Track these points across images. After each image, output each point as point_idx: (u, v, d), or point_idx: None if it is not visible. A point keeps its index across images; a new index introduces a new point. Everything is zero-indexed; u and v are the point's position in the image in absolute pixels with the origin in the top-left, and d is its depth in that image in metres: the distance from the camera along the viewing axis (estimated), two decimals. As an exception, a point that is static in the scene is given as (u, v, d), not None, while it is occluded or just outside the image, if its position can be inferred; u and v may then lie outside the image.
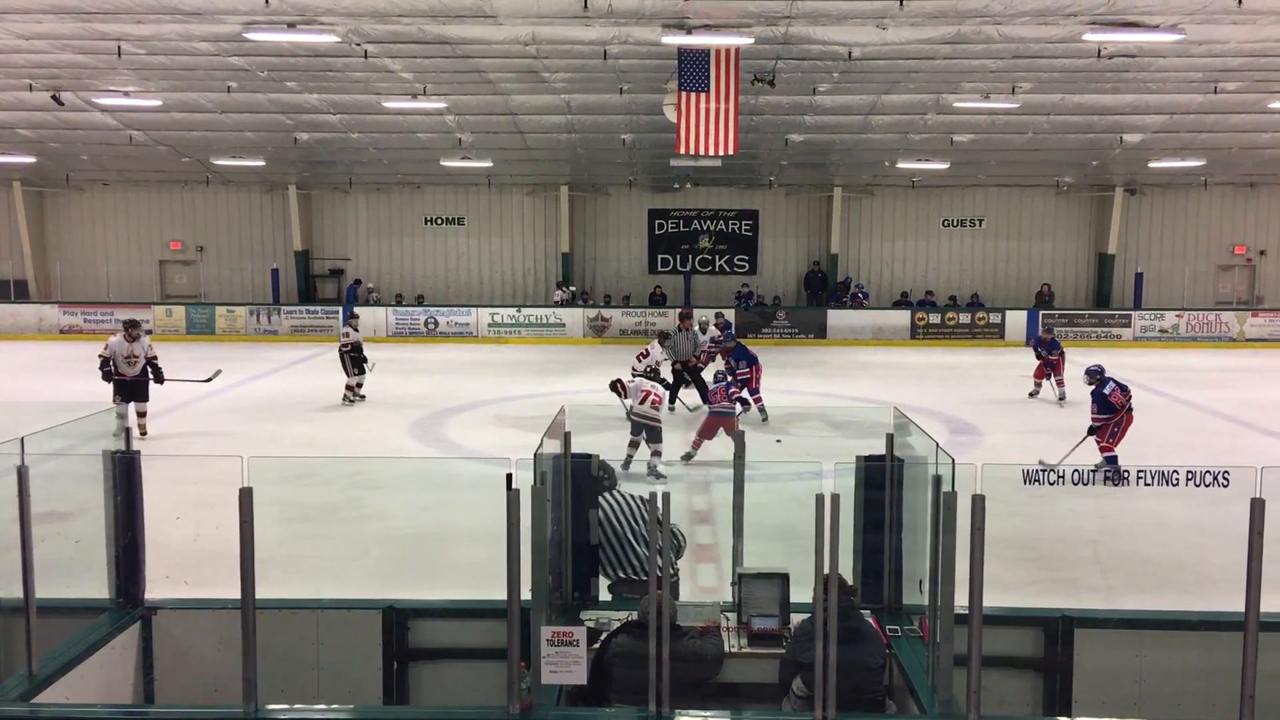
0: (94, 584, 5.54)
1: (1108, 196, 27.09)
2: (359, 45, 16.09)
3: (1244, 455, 12.50)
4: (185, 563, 7.35)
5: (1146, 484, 4.50)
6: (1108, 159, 24.24)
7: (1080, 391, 13.76)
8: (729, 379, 14.24)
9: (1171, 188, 27.00)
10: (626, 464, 11.76)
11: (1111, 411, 11.88)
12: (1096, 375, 12.34)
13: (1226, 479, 4.41)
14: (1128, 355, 23.63)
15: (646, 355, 15.41)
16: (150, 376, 13.93)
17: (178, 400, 15.43)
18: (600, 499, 5.92)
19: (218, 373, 15.86)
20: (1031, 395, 17.70)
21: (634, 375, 13.97)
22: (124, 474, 5.46)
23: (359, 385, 16.90)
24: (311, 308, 26.83)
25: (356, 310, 20.80)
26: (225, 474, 4.47)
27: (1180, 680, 5.31)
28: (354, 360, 16.83)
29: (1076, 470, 4.84)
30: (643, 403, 12.03)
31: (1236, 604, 4.33)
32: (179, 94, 19.66)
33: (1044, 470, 4.93)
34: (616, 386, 13.57)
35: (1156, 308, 26.53)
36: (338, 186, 27.72)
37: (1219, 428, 15.02)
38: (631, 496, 6.00)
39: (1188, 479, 4.43)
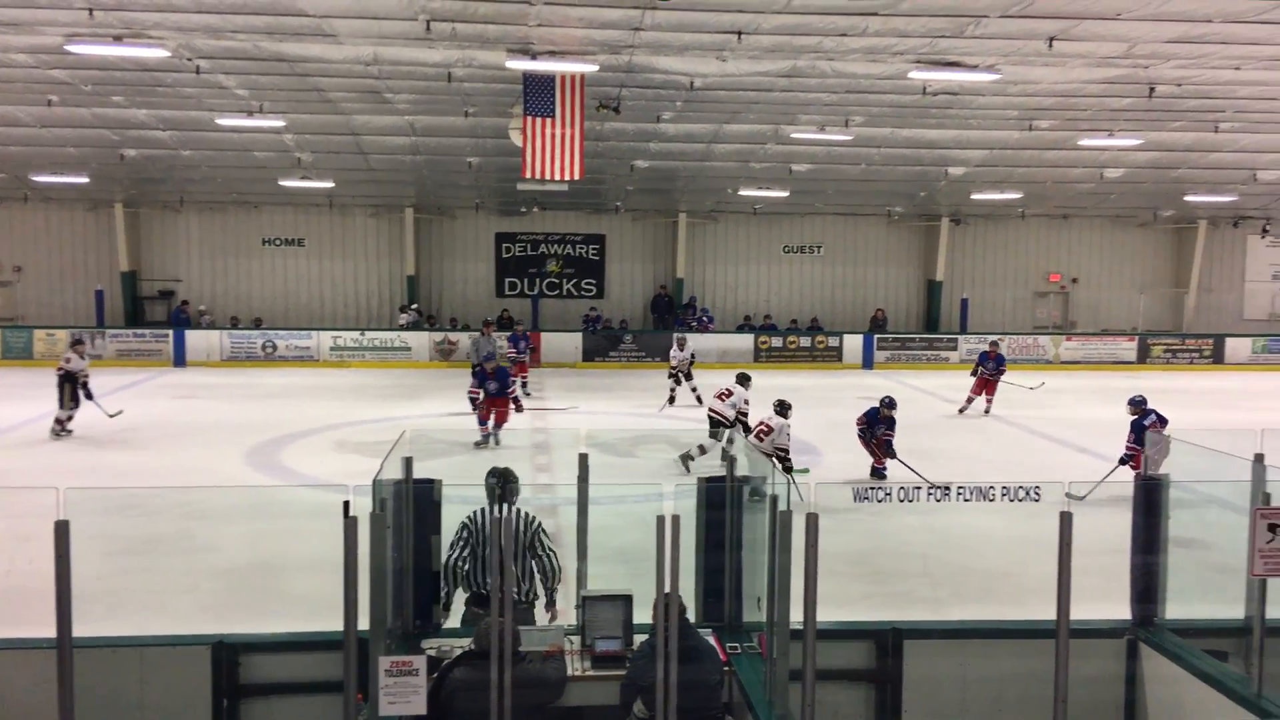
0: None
1: (935, 226, 28.40)
2: (190, 60, 15.56)
3: (1059, 471, 13.26)
4: (-4, 602, 6.91)
5: (966, 500, 4.73)
6: (934, 190, 25.44)
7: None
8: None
9: (992, 218, 28.50)
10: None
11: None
12: (1140, 406, 12.31)
13: (1038, 494, 4.68)
14: (955, 377, 24.73)
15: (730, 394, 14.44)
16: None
17: (-11, 429, 14.51)
18: (487, 509, 5.80)
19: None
20: (961, 412, 18.85)
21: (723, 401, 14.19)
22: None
23: (69, 419, 15.32)
24: (139, 331, 25.63)
25: (82, 335, 19.67)
26: (41, 506, 4.23)
27: (1001, 686, 5.59)
28: (72, 391, 15.26)
29: (903, 488, 5.05)
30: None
31: (1052, 613, 4.60)
32: (-7, 106, 18.61)
33: (1071, 499, 5.10)
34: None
35: (980, 331, 27.86)
36: (168, 205, 26.58)
37: (1038, 445, 15.90)
38: (526, 514, 5.93)
39: (1003, 494, 4.68)
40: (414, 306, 26.82)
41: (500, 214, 27.70)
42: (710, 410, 14.30)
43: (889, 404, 13.33)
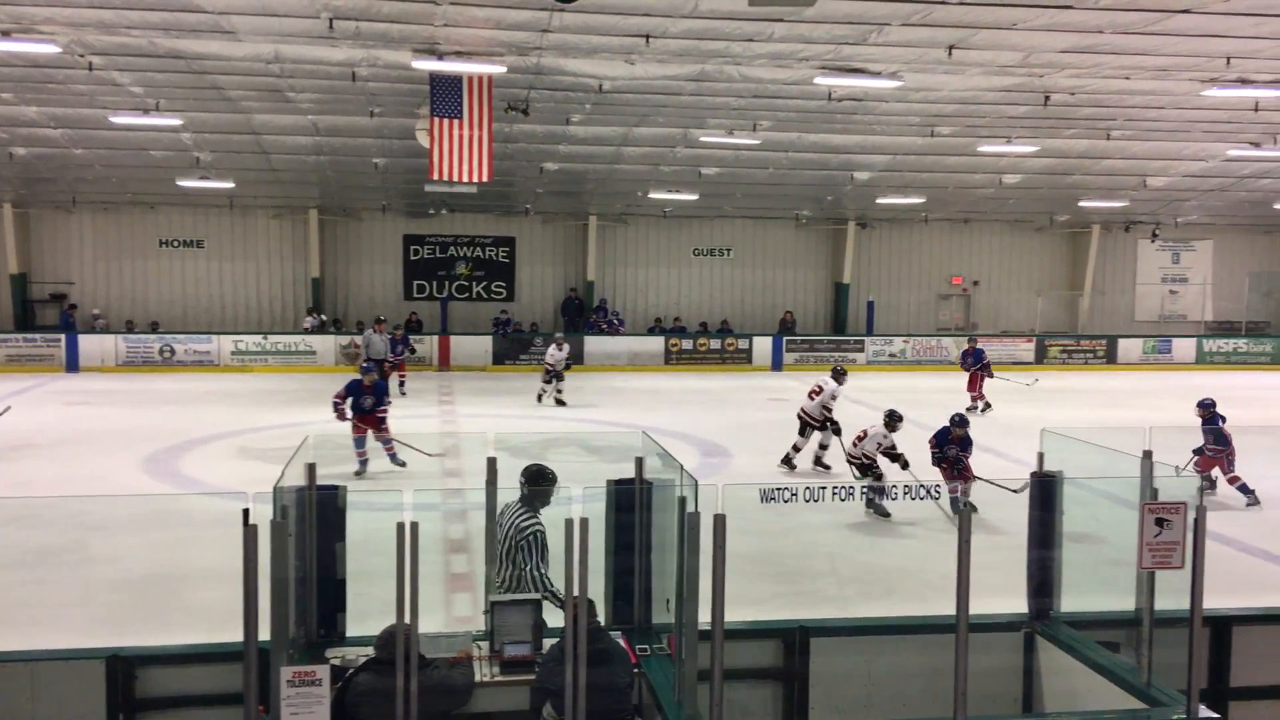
0: None
1: (842, 229, 28.88)
2: (83, 56, 15.07)
3: (961, 469, 13.56)
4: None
5: (870, 499, 4.81)
6: (841, 195, 25.88)
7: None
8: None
9: (897, 222, 29.10)
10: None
11: (1225, 444, 12.17)
12: (1209, 409, 12.50)
13: (938, 492, 4.78)
14: (861, 379, 25.17)
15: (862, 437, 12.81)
16: None
17: None
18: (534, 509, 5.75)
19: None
20: (984, 411, 19.22)
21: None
22: None
23: None
24: (30, 335, 24.67)
25: None
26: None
27: (905, 681, 5.70)
28: None
29: (809, 488, 5.12)
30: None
31: (952, 607, 4.71)
32: None
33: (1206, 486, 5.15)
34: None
35: (886, 334, 28.46)
36: (60, 205, 25.64)
37: (940, 444, 16.22)
38: (522, 523, 5.79)
39: (905, 493, 4.77)
40: (320, 314, 26.34)
41: (408, 216, 27.36)
42: (800, 411, 13.89)
43: (960, 422, 11.79)
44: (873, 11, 12.85)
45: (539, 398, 19.75)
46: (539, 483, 5.80)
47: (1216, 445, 12.34)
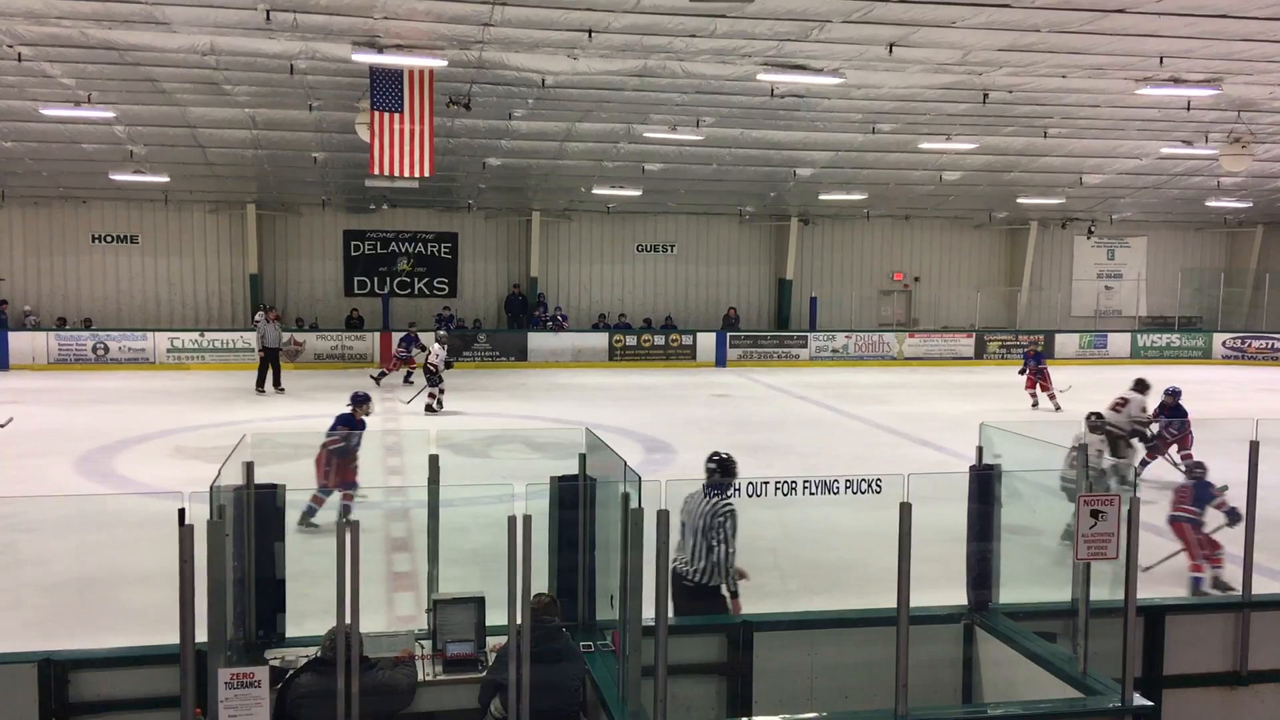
0: None
1: (785, 226, 29.07)
2: (12, 47, 14.69)
3: (904, 464, 13.65)
4: None
5: (811, 493, 4.84)
6: (783, 191, 26.04)
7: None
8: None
9: (839, 218, 29.36)
10: None
11: (1185, 430, 12.44)
12: (1176, 396, 12.78)
13: (879, 486, 4.82)
14: (805, 374, 25.42)
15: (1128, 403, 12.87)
16: None
17: None
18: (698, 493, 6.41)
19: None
20: (1035, 406, 19.68)
21: None
22: None
23: None
24: (-44, 333, 24.02)
25: None
26: None
27: (847, 674, 5.75)
28: None
29: (751, 482, 5.14)
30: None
31: (894, 601, 4.76)
32: None
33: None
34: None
35: (829, 329, 28.71)
36: (-12, 199, 25.01)
37: (882, 439, 16.43)
38: (717, 502, 6.41)
39: (847, 487, 4.81)
40: (271, 310, 25.99)
41: (348, 211, 27.03)
42: (1107, 425, 12.32)
43: (1173, 393, 12.35)
44: (814, 8, 12.93)
45: (427, 408, 18.19)
46: (730, 469, 6.64)
47: (1178, 432, 12.71)
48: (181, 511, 4.00)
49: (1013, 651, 5.55)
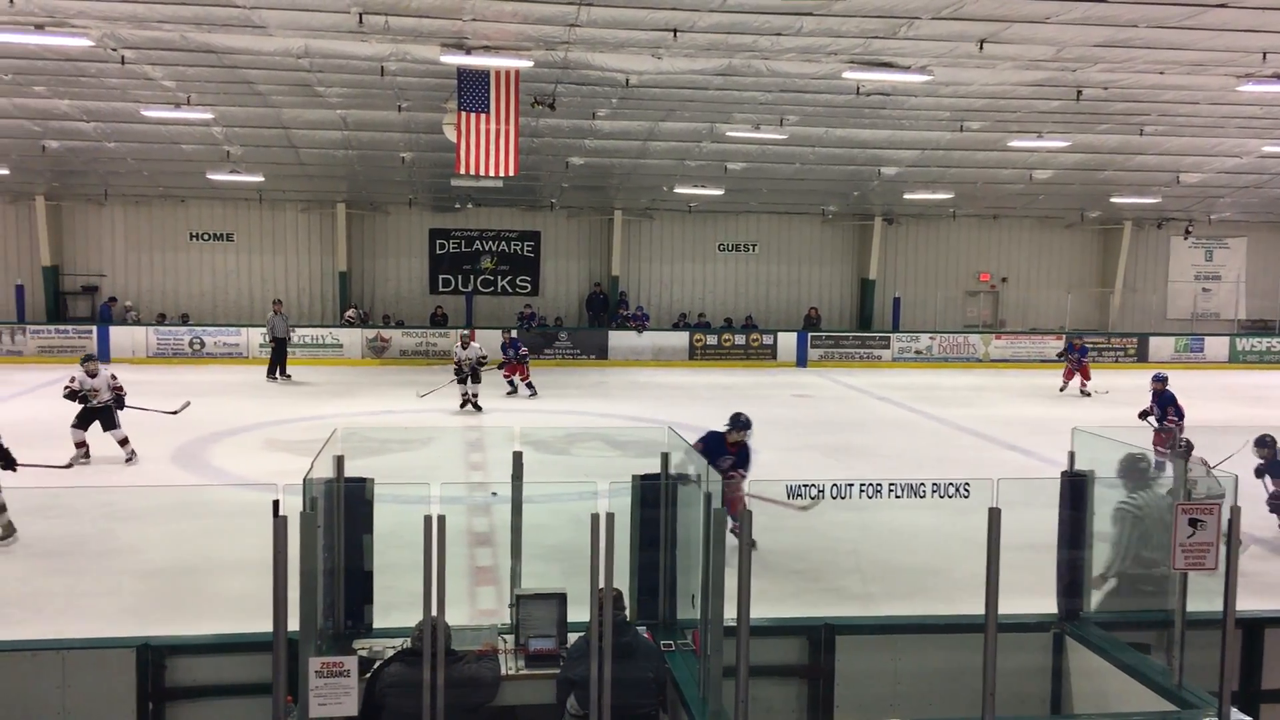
0: None
1: (868, 225, 28.73)
2: (115, 50, 15.20)
3: (988, 468, 13.49)
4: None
5: (897, 496, 4.78)
6: (867, 190, 25.74)
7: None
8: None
9: (924, 218, 28.92)
10: None
11: (1180, 417, 12.58)
12: (1164, 383, 13.22)
13: (967, 490, 4.74)
14: (887, 375, 25.10)
15: None
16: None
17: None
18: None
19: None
20: (1062, 390, 21.62)
21: None
22: None
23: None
24: (62, 327, 24.92)
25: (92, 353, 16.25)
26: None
27: (931, 680, 5.66)
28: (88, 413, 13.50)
29: (835, 485, 5.08)
30: None
31: (980, 607, 4.67)
32: (-94, 93, 18.02)
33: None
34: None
35: (912, 330, 28.30)
36: (92, 198, 25.89)
37: (968, 442, 16.15)
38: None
39: (933, 491, 4.73)
40: (359, 309, 26.59)
41: (434, 210, 27.44)
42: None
43: (1161, 379, 12.86)
44: (903, 5, 12.76)
45: (462, 404, 18.08)
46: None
47: (1176, 418, 12.64)
48: (276, 503, 4.09)
49: (1104, 662, 5.41)
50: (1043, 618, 5.81)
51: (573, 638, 5.29)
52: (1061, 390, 21.83)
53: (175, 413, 14.43)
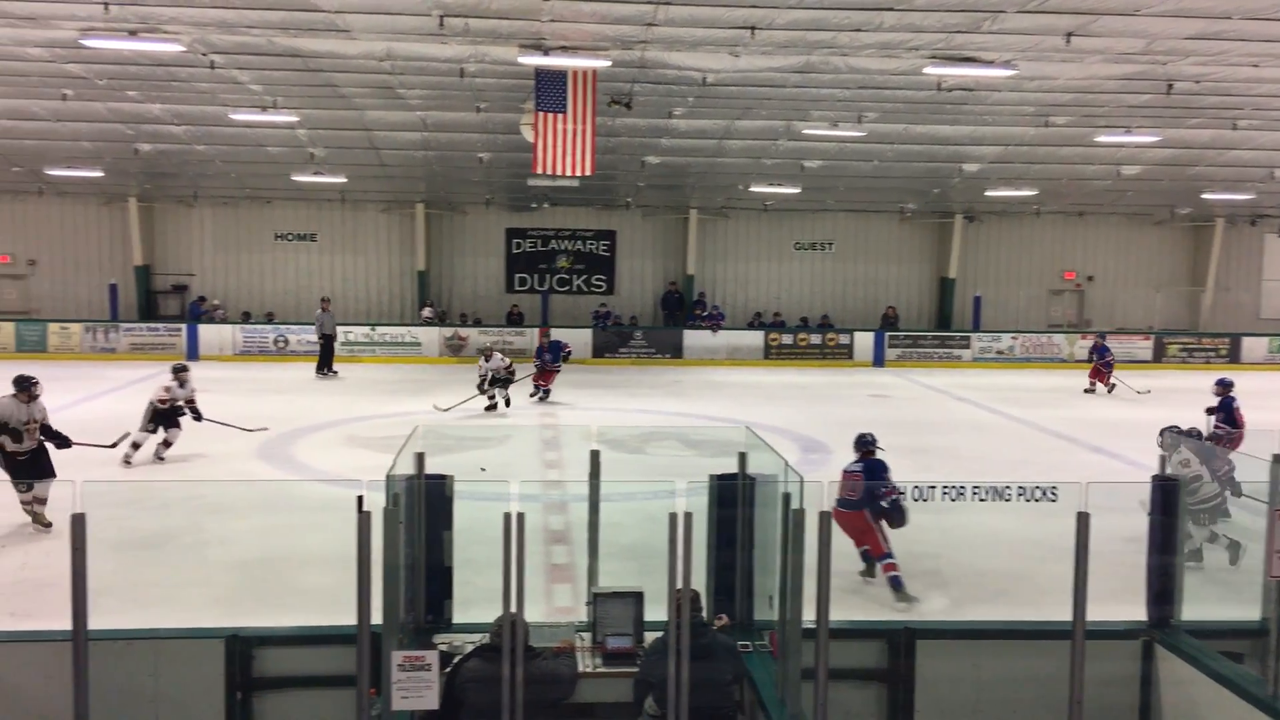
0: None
1: (948, 223, 28.27)
2: (205, 55, 15.60)
3: (1072, 471, 13.18)
4: (10, 593, 6.93)
5: (981, 499, 4.70)
6: (948, 187, 25.33)
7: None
8: None
9: (1007, 215, 28.36)
10: None
11: (1235, 426, 12.26)
12: (1228, 388, 12.84)
13: (1055, 494, 4.64)
14: (967, 376, 24.68)
15: None
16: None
17: None
18: None
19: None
20: (1087, 391, 21.48)
21: None
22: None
23: (164, 444, 13.64)
24: (153, 325, 25.70)
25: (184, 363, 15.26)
26: (54, 498, 4.24)
27: (1015, 687, 5.56)
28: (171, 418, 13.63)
29: (917, 487, 5.01)
30: None
31: (1066, 614, 4.56)
32: (9, 100, 18.72)
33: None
34: None
35: (993, 330, 27.78)
36: (181, 199, 26.65)
37: (1050, 445, 15.80)
38: None
39: (1019, 494, 4.64)
40: (437, 307, 26.96)
41: (511, 210, 27.69)
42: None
43: (1225, 384, 12.72)
44: (986, -1, 12.55)
45: (495, 405, 18.00)
46: None
47: (1226, 424, 12.19)
48: (360, 499, 4.17)
49: (1196, 671, 5.26)
50: (1131, 625, 5.66)
51: (649, 637, 5.29)
52: (1086, 391, 21.59)
53: (251, 431, 14.75)
